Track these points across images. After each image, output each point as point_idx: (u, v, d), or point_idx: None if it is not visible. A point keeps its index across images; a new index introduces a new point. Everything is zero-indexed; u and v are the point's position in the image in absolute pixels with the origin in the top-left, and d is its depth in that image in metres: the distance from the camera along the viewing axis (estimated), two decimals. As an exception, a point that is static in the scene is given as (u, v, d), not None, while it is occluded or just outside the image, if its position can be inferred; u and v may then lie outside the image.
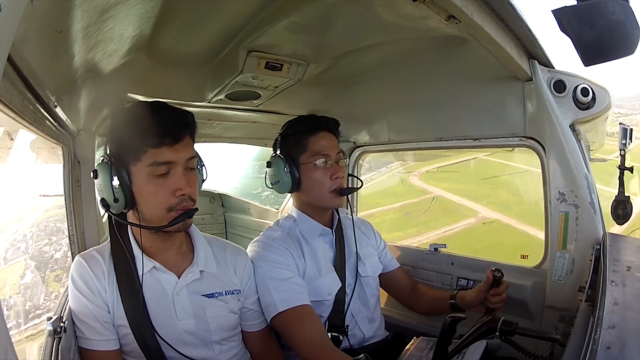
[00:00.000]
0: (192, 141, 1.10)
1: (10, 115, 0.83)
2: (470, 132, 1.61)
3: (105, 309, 1.05)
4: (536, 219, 9.52)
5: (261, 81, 1.42)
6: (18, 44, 0.64)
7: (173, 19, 1.01)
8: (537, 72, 1.30)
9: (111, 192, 1.02)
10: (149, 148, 1.01)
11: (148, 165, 1.01)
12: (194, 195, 1.07)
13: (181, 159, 1.04)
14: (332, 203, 1.42)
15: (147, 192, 1.03)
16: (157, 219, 1.04)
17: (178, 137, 1.03)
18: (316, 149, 1.39)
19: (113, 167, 1.02)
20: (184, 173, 1.04)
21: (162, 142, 1.01)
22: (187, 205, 1.05)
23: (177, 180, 1.03)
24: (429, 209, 13.24)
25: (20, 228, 3.80)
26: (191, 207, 1.05)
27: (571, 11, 0.85)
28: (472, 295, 1.35)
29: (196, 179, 1.10)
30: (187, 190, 1.03)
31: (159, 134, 1.01)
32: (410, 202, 13.75)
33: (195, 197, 1.08)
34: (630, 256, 1.05)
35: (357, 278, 1.47)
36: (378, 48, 1.29)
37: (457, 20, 0.95)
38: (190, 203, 1.05)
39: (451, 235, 11.66)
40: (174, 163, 1.03)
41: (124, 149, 1.03)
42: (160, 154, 1.01)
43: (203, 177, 1.17)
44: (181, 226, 1.06)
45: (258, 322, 1.28)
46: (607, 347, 0.62)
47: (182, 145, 1.04)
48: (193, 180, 1.08)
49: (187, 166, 1.06)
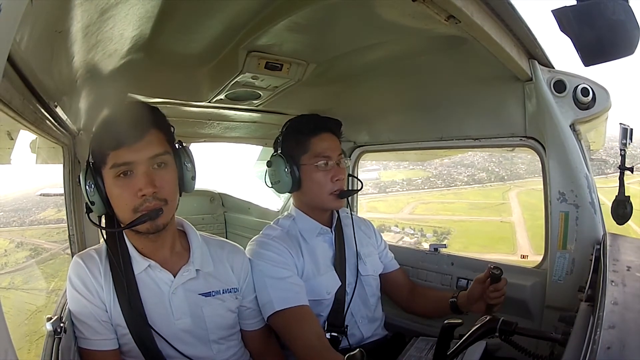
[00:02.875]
0: (164, 136, 1.07)
1: (10, 115, 0.83)
2: (470, 132, 1.61)
3: (103, 308, 1.06)
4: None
5: (261, 81, 1.42)
6: (18, 44, 0.65)
7: (173, 19, 1.01)
8: (537, 72, 1.29)
9: (87, 197, 1.04)
10: (110, 151, 1.02)
11: (110, 167, 1.02)
12: (161, 194, 1.03)
13: (141, 158, 1.01)
14: (331, 205, 1.42)
15: (115, 195, 1.03)
16: (126, 221, 1.04)
17: (137, 136, 1.01)
18: (318, 151, 1.39)
19: (88, 172, 1.04)
20: (146, 172, 1.01)
21: (120, 144, 1.01)
22: (150, 206, 1.02)
23: (138, 180, 1.01)
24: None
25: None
26: (154, 208, 1.02)
27: (571, 11, 0.85)
28: (471, 287, 1.35)
29: (166, 176, 1.05)
30: (147, 190, 1.00)
31: (117, 136, 1.02)
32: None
33: (164, 195, 1.03)
34: (630, 256, 1.05)
35: (358, 277, 1.47)
36: (378, 48, 1.29)
37: (457, 20, 0.95)
38: (154, 203, 1.02)
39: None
40: (134, 163, 1.01)
41: (94, 154, 1.06)
42: (119, 156, 1.01)
43: (188, 174, 1.12)
44: (150, 227, 1.04)
45: (256, 321, 1.28)
46: (607, 347, 0.62)
47: (143, 144, 1.02)
48: (160, 178, 1.03)
49: (154, 164, 1.03)
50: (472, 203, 14.27)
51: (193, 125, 1.90)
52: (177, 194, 1.10)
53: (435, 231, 12.96)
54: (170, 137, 1.10)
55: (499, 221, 12.80)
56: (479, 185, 14.86)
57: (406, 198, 15.11)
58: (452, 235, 12.64)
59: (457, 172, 15.30)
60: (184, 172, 1.11)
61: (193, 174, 1.13)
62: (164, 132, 1.08)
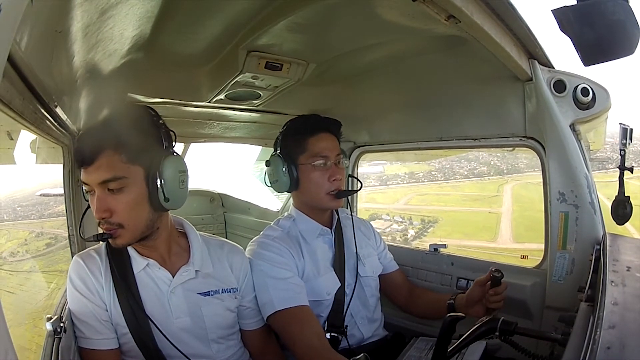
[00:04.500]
0: (123, 157, 1.00)
1: (10, 115, 0.83)
2: (470, 132, 1.61)
3: (103, 307, 1.06)
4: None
5: (261, 81, 1.42)
6: (18, 44, 0.64)
7: (173, 19, 1.01)
8: (537, 72, 1.29)
9: (85, 200, 1.08)
10: (79, 166, 1.04)
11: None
12: (114, 218, 1.01)
13: (93, 181, 1.00)
14: (329, 204, 1.42)
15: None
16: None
17: (88, 159, 1.00)
18: (315, 150, 1.39)
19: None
20: (99, 197, 1.00)
21: (79, 163, 1.03)
22: (103, 227, 1.02)
23: (94, 202, 1.02)
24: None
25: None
26: (107, 230, 1.01)
27: (571, 11, 0.84)
28: (470, 289, 1.35)
29: (122, 200, 1.01)
30: (97, 215, 1.01)
31: (76, 154, 1.04)
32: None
33: (117, 220, 1.01)
34: (630, 256, 1.05)
35: (357, 278, 1.47)
36: (378, 48, 1.29)
37: (457, 20, 0.95)
38: (106, 226, 1.01)
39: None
40: (89, 185, 1.02)
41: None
42: (82, 174, 1.03)
43: (160, 194, 1.02)
44: (113, 244, 1.05)
45: (256, 320, 1.28)
46: (607, 347, 0.62)
47: (94, 168, 1.00)
48: (115, 203, 1.00)
49: (105, 188, 1.00)
50: (466, 195, 14.51)
51: (193, 125, 1.90)
52: (141, 215, 1.04)
53: (423, 220, 13.13)
54: (135, 155, 1.01)
55: (487, 212, 13.05)
56: (477, 178, 15.08)
57: (405, 190, 15.31)
58: (438, 223, 12.92)
59: (460, 166, 15.69)
60: (154, 192, 1.02)
61: (166, 193, 1.03)
62: (124, 151, 1.00)
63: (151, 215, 1.06)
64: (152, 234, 1.09)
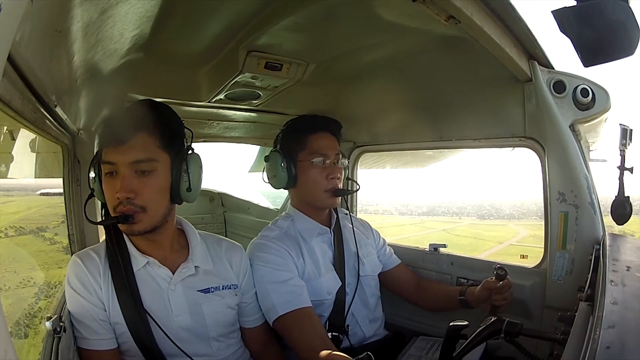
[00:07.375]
0: (156, 141, 1.03)
1: (10, 115, 0.83)
2: (470, 132, 1.61)
3: (102, 307, 1.05)
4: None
5: (261, 81, 1.42)
6: (18, 44, 0.64)
7: (173, 19, 1.01)
8: (537, 73, 1.30)
9: (89, 183, 1.09)
10: (103, 147, 1.04)
11: (102, 163, 1.04)
12: (138, 200, 1.01)
13: (123, 161, 1.01)
14: (326, 203, 1.43)
15: (104, 190, 1.05)
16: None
17: (122, 138, 1.01)
18: (314, 148, 1.40)
19: (94, 161, 1.07)
20: (125, 176, 1.01)
21: (108, 143, 1.03)
22: (123, 209, 1.01)
23: (118, 182, 1.02)
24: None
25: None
26: (127, 212, 1.01)
27: (571, 11, 0.84)
28: (478, 289, 1.35)
29: (149, 183, 1.02)
30: (121, 194, 1.00)
31: (107, 134, 1.05)
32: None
33: (141, 202, 1.02)
34: (630, 256, 1.05)
35: (358, 278, 1.47)
36: (378, 48, 1.29)
37: (457, 20, 0.95)
38: (128, 207, 1.01)
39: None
40: (117, 164, 1.02)
41: (99, 146, 1.08)
42: (107, 154, 1.03)
43: (183, 185, 1.06)
44: (126, 230, 1.05)
45: (256, 317, 1.28)
46: (606, 347, 0.62)
47: (127, 147, 1.01)
48: (141, 185, 1.02)
49: (137, 169, 1.02)
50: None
51: (192, 125, 1.88)
52: (162, 202, 1.06)
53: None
54: (167, 142, 1.05)
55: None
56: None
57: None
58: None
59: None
60: (176, 182, 1.06)
61: (189, 185, 1.06)
62: (158, 136, 1.04)
63: (168, 205, 1.09)
64: (162, 226, 1.10)
